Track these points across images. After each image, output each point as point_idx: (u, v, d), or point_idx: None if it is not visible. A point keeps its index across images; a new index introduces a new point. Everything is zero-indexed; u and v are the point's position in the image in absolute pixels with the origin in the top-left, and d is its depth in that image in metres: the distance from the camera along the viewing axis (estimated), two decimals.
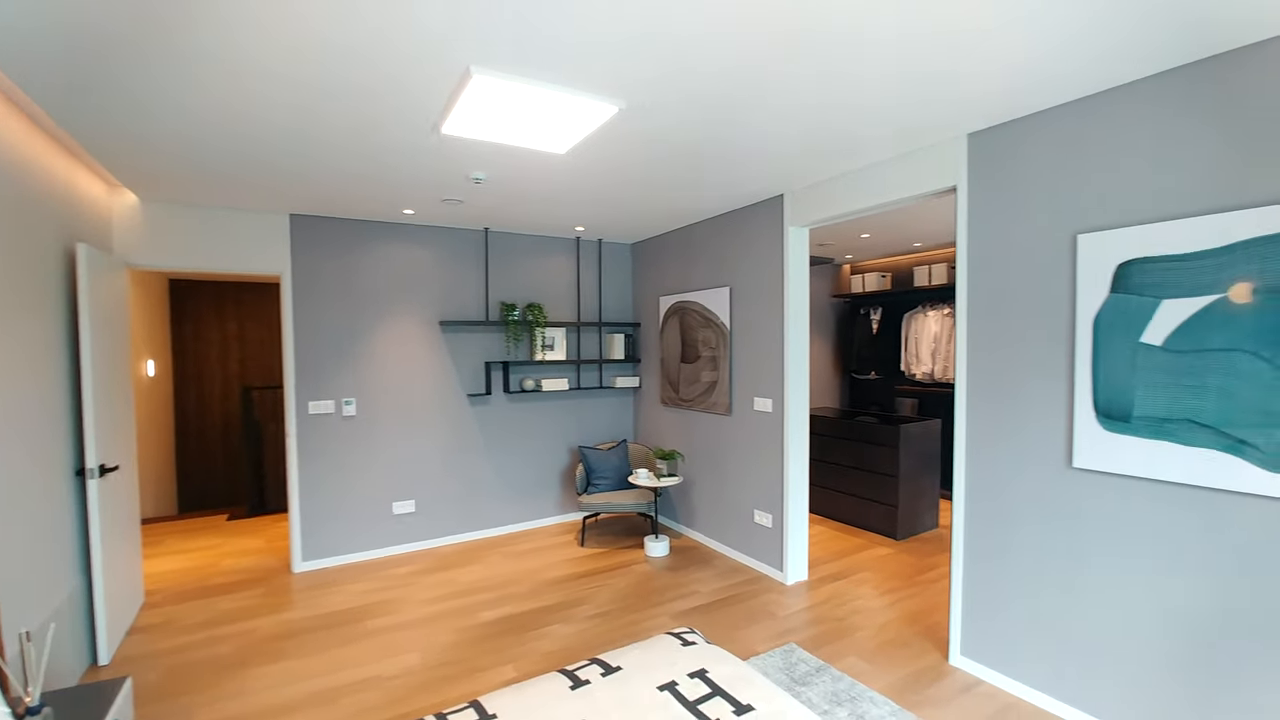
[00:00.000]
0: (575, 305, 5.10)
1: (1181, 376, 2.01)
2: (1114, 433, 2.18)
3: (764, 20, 1.70)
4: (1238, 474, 1.90)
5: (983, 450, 2.64)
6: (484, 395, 4.70)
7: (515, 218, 4.27)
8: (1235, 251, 1.88)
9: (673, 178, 3.28)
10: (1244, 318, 1.87)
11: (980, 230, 2.62)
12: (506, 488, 4.86)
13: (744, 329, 4.05)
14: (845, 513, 4.97)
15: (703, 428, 4.50)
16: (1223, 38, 1.82)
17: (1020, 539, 2.52)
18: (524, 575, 4.00)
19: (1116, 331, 2.16)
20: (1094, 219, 2.24)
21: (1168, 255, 2.03)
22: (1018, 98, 2.25)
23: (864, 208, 3.14)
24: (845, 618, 3.32)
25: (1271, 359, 1.82)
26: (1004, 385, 2.55)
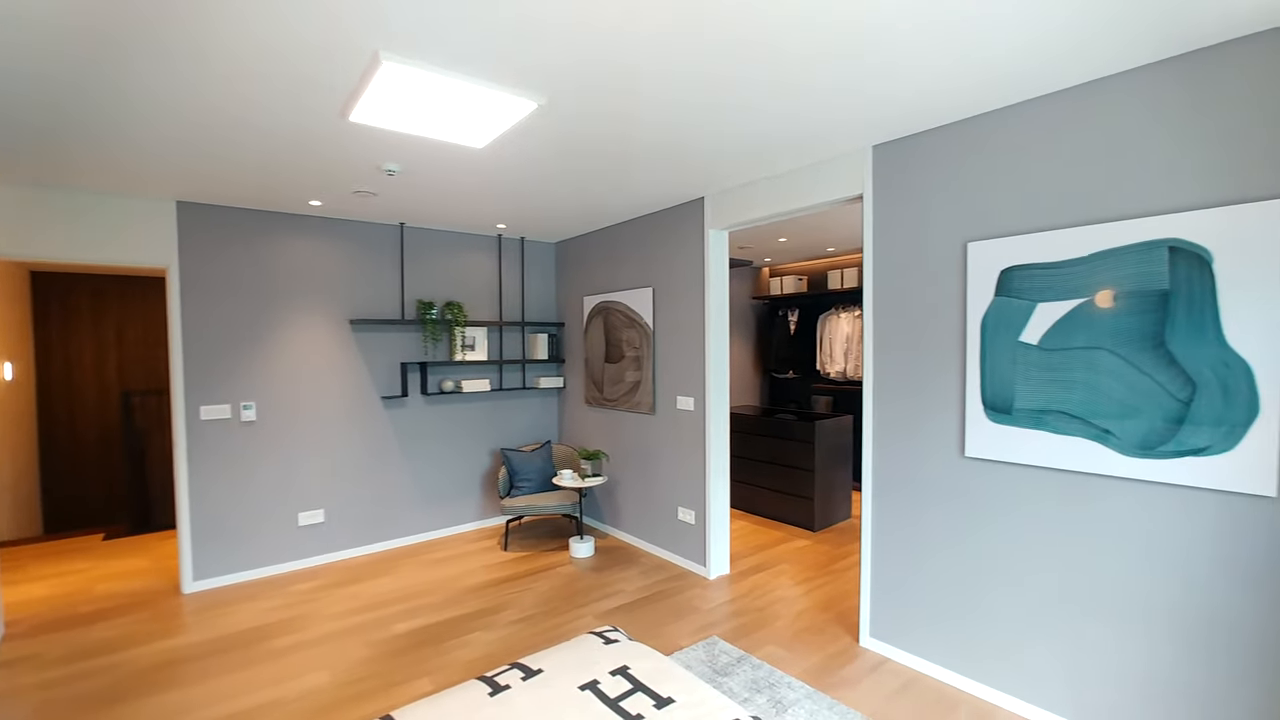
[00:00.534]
0: (497, 304, 4.99)
1: (1054, 372, 2.23)
2: (999, 424, 2.39)
3: (684, 29, 1.74)
4: (1101, 459, 2.13)
5: (888, 444, 2.81)
6: (400, 397, 4.50)
7: (433, 213, 4.12)
8: (1095, 261, 2.11)
9: (594, 178, 3.28)
10: (1103, 319, 2.10)
11: (884, 237, 2.78)
12: (424, 494, 4.67)
13: (667, 329, 4.10)
14: (765, 507, 5.15)
15: (627, 427, 4.52)
16: (1080, 72, 2.03)
17: (922, 525, 2.70)
18: (443, 583, 3.86)
19: (1000, 331, 2.37)
20: (981, 229, 2.44)
21: (1042, 263, 2.24)
22: (917, 115, 2.42)
23: (778, 212, 3.26)
24: (765, 608, 3.44)
25: (1126, 356, 2.06)
26: (906, 382, 2.73)
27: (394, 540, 4.54)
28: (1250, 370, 1.82)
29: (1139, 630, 2.08)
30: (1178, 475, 1.96)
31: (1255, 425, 1.81)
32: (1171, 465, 1.97)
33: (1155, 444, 2.01)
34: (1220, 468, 1.88)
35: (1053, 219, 2.23)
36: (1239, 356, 1.83)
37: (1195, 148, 1.91)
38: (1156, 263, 1.98)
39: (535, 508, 4.36)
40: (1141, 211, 2.02)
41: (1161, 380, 1.98)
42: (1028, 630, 2.37)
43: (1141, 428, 2.03)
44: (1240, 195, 1.84)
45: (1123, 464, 2.08)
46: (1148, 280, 2.00)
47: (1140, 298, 2.02)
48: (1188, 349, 1.93)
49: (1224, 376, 1.86)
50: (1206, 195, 1.89)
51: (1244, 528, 1.87)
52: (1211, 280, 1.88)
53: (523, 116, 2.37)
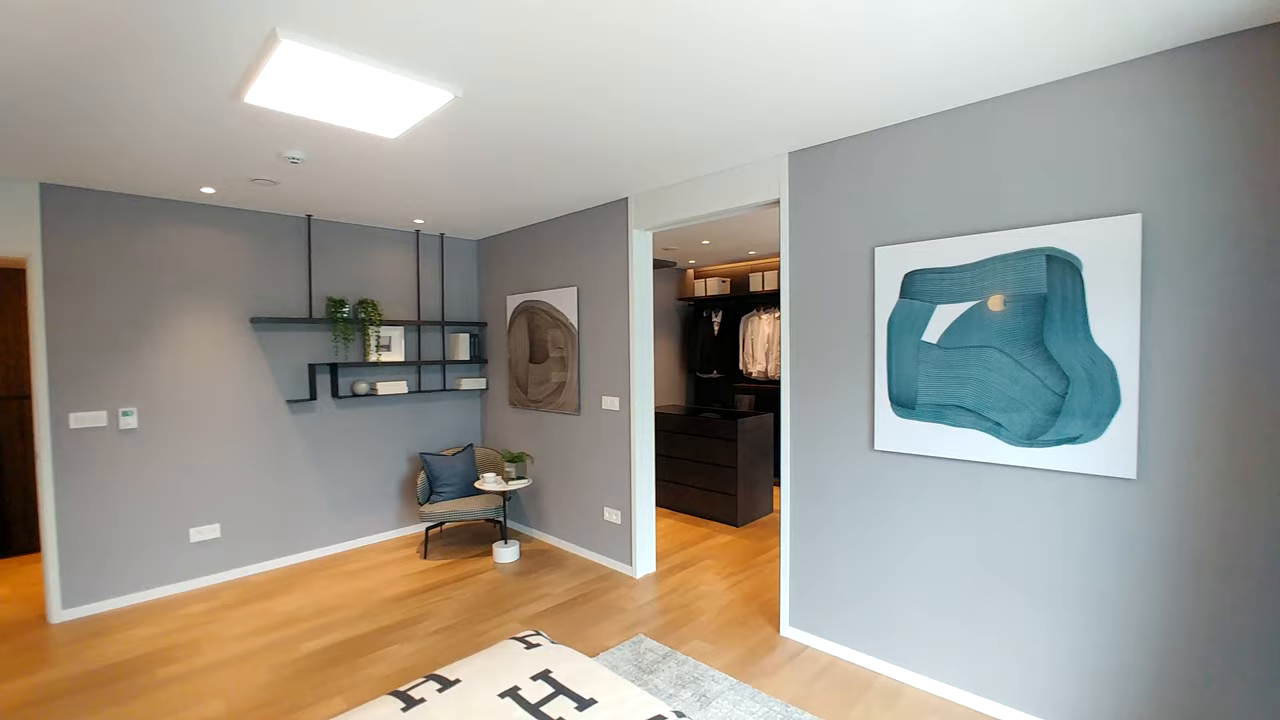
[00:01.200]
0: (415, 303, 4.79)
1: (951, 369, 2.39)
2: (904, 418, 2.54)
3: (606, 27, 1.73)
4: (993, 449, 2.31)
5: (805, 440, 2.93)
6: (308, 401, 4.22)
7: (344, 205, 3.90)
8: (985, 267, 2.29)
9: (515, 175, 3.21)
10: (993, 320, 2.28)
11: (799, 241, 2.90)
12: (336, 503, 4.41)
13: (591, 329, 4.08)
14: (691, 504, 5.23)
15: (552, 428, 4.46)
16: (974, 92, 2.20)
17: (837, 517, 2.83)
18: (358, 596, 3.66)
19: (904, 331, 2.52)
20: (888, 235, 2.58)
21: (940, 268, 2.40)
22: (830, 125, 2.53)
23: (700, 215, 3.32)
24: (690, 604, 3.49)
25: (1012, 354, 2.24)
26: (821, 380, 2.85)
27: (304, 553, 4.25)
28: (1113, 366, 2.03)
29: (1028, 604, 2.28)
30: (1057, 462, 2.16)
31: (1118, 415, 2.02)
32: (1051, 453, 2.17)
33: (1037, 434, 2.20)
34: (1090, 454, 2.09)
35: (949, 227, 2.40)
36: (1104, 354, 2.04)
37: (1069, 165, 2.12)
38: (1036, 269, 2.17)
39: (457, 513, 4.22)
40: (1024, 222, 2.21)
41: (1041, 376, 2.18)
42: (931, 611, 2.53)
43: (1026, 419, 2.22)
44: (1104, 210, 2.04)
45: (1011, 453, 2.26)
46: (1029, 285, 2.19)
47: (1023, 301, 2.20)
48: (1062, 347, 2.13)
49: (1092, 372, 2.07)
50: (1078, 209, 2.10)
51: (1111, 507, 2.08)
52: (1081, 285, 2.08)
53: (438, 107, 2.28)
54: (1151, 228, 1.96)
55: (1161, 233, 1.95)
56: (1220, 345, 1.86)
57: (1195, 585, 1.94)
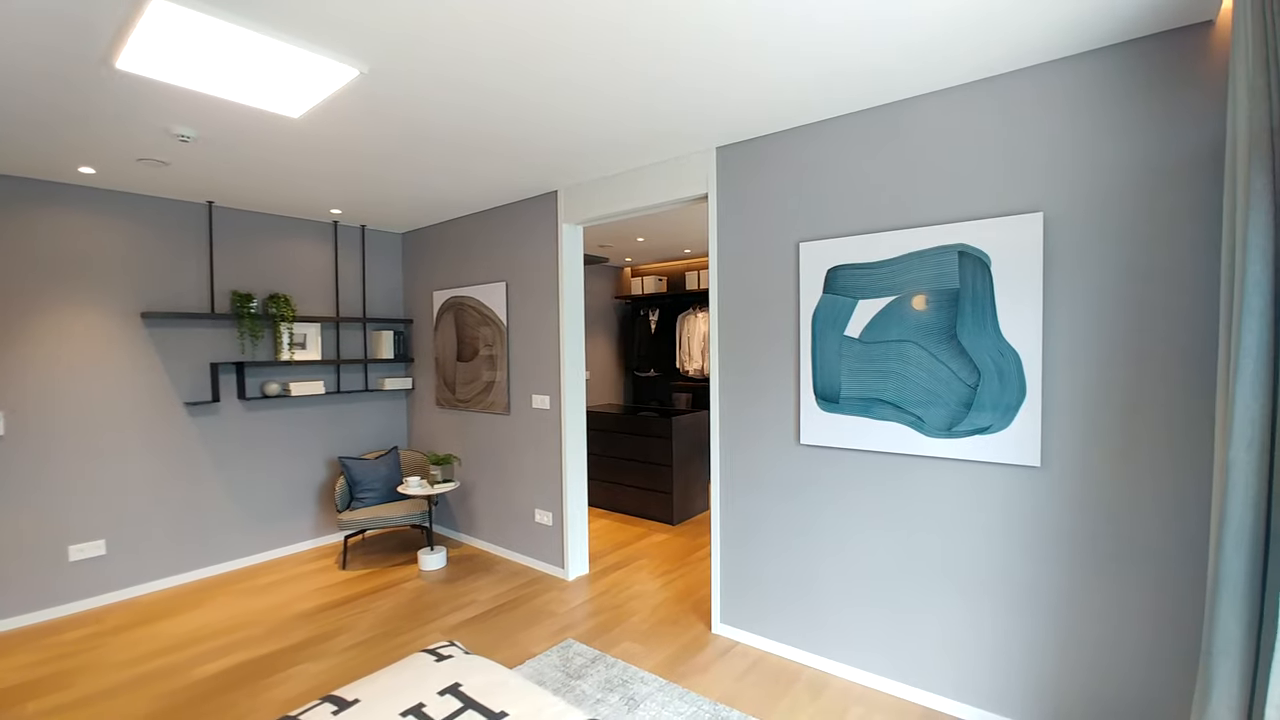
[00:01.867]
0: (333, 298, 4.51)
1: (873, 363, 2.43)
2: (829, 412, 2.56)
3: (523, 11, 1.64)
4: (913, 441, 2.36)
5: (734, 436, 2.92)
6: (210, 403, 3.90)
7: (251, 193, 3.62)
8: (903, 263, 2.34)
9: (433, 163, 3.06)
10: (911, 315, 2.33)
11: (727, 236, 2.89)
12: (246, 512, 4.09)
13: (521, 326, 3.96)
14: (627, 504, 5.18)
15: (482, 429, 4.31)
16: (896, 90, 2.24)
17: (765, 512, 2.84)
18: (264, 613, 3.39)
19: (828, 326, 2.55)
20: (811, 230, 2.61)
21: (861, 263, 2.44)
22: (757, 120, 2.53)
23: (629, 209, 3.27)
24: (623, 605, 3.43)
25: (929, 348, 2.30)
26: (750, 376, 2.85)
27: (207, 568, 3.92)
28: (1019, 359, 2.10)
29: (946, 592, 2.34)
30: (971, 452, 2.22)
31: (1024, 406, 2.10)
32: (966, 443, 2.23)
33: (953, 425, 2.26)
34: (1000, 444, 2.16)
35: (871, 223, 2.44)
36: (1011, 347, 2.12)
37: (979, 165, 2.18)
38: (949, 265, 2.23)
39: (379, 520, 4.00)
40: (939, 219, 2.27)
41: (955, 369, 2.24)
42: (857, 601, 2.57)
43: (943, 411, 2.28)
44: (1010, 209, 2.12)
45: (930, 444, 2.32)
46: (943, 280, 2.25)
47: (938, 295, 2.26)
48: (973, 340, 2.19)
49: (1000, 364, 2.14)
50: (987, 207, 2.17)
51: (1020, 495, 2.16)
52: (990, 281, 2.15)
53: (342, 85, 2.12)
54: (1052, 226, 2.05)
55: (1061, 231, 2.04)
56: (1114, 340, 1.96)
57: (1097, 568, 2.03)
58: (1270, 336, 1.33)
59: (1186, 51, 1.83)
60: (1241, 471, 1.33)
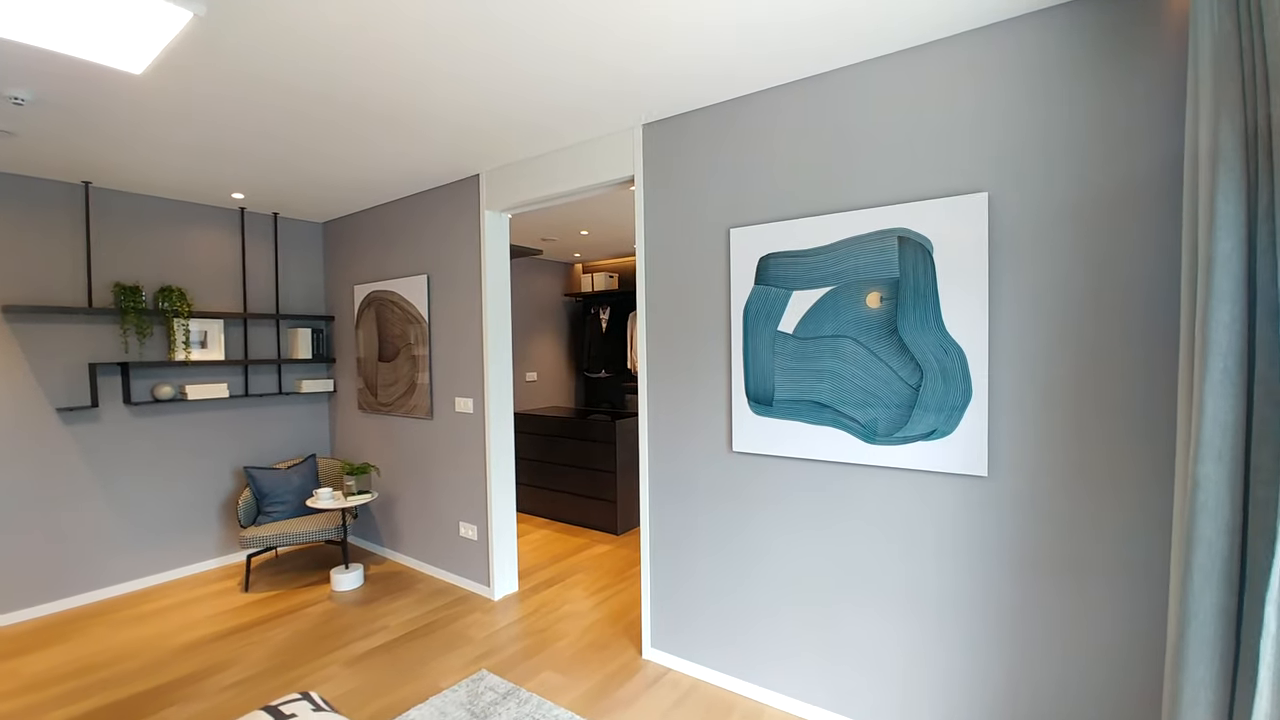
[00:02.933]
0: (240, 292, 4.10)
1: (807, 361, 2.19)
2: (761, 416, 2.32)
3: None
4: (850, 447, 2.12)
5: (664, 442, 2.65)
6: (88, 409, 3.47)
7: (133, 172, 3.21)
8: (839, 249, 2.10)
9: (330, 139, 2.72)
10: (848, 308, 2.09)
11: (655, 222, 2.62)
12: (132, 531, 3.66)
13: (444, 322, 3.63)
14: (568, 513, 4.88)
15: (405, 434, 3.96)
16: (830, 56, 2.00)
17: (697, 526, 2.58)
18: (144, 645, 3.00)
19: (761, 321, 2.30)
20: (742, 215, 2.35)
21: (795, 250, 2.20)
22: (682, 95, 2.26)
23: (555, 194, 2.98)
24: (550, 627, 3.13)
25: (867, 344, 2.06)
26: (680, 376, 2.58)
27: (84, 595, 3.48)
28: (964, 355, 1.88)
29: (885, 613, 2.11)
30: (913, 460, 2.00)
31: (969, 409, 1.88)
32: (907, 450, 2.01)
33: (893, 430, 2.03)
34: (944, 451, 1.94)
35: (805, 206, 2.20)
36: (955, 342, 1.90)
37: (920, 140, 1.96)
38: (888, 252, 2.00)
39: (287, 536, 3.62)
40: (877, 201, 2.04)
41: (895, 367, 2.01)
42: (794, 625, 2.32)
43: (882, 414, 2.05)
44: (953, 188, 1.90)
45: (868, 452, 2.09)
46: (882, 269, 2.02)
47: (877, 286, 2.03)
48: (915, 335, 1.97)
49: (944, 362, 1.92)
50: (928, 187, 1.94)
51: (966, 507, 1.94)
52: (932, 269, 1.92)
53: (178, 30, 1.78)
54: (997, 208, 1.83)
55: (1007, 214, 1.82)
56: (1066, 335, 1.75)
57: (1046, 586, 1.82)
58: (1244, 328, 1.11)
59: (1144, 9, 1.63)
60: (1212, 489, 1.11)
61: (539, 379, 6.36)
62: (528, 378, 6.21)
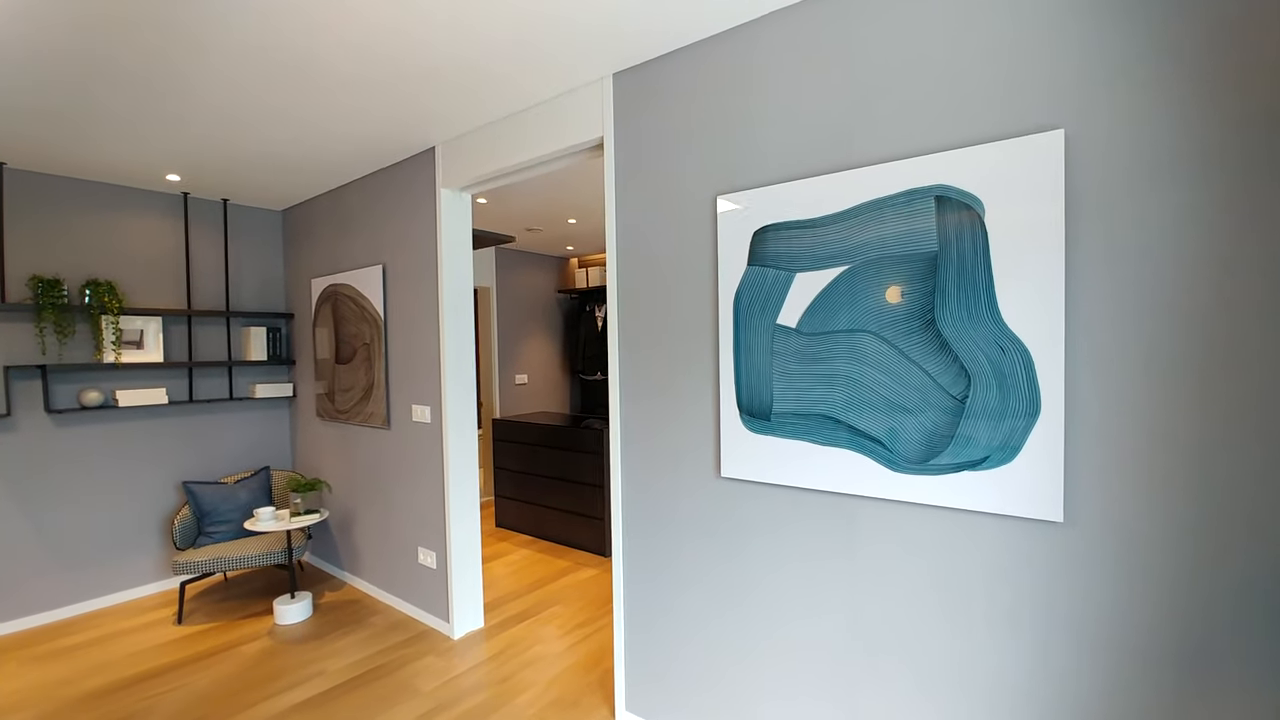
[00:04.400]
0: (184, 287, 3.69)
1: (815, 364, 1.70)
2: (757, 433, 1.82)
3: None
4: (870, 476, 1.62)
5: (637, 463, 2.17)
6: (2, 418, 3.07)
7: (54, 150, 2.80)
8: (855, 216, 1.60)
9: (260, 97, 2.28)
10: (867, 293, 1.60)
11: (627, 192, 2.14)
12: (59, 554, 3.26)
13: (400, 319, 3.18)
14: (553, 530, 4.41)
15: (361, 445, 3.52)
16: None
17: (678, 568, 2.09)
18: (45, 690, 2.58)
19: (755, 312, 1.80)
20: (732, 178, 1.86)
21: (798, 221, 1.70)
22: (659, 34, 1.78)
23: (516, 164, 2.51)
24: (513, 675, 2.66)
25: (893, 340, 1.56)
26: (655, 382, 2.10)
27: (3, 624, 3.08)
28: (1028, 355, 1.38)
29: (916, 692, 1.60)
30: (956, 495, 1.50)
31: (1037, 428, 1.37)
32: (948, 483, 1.50)
33: (930, 455, 1.53)
34: (1000, 485, 1.43)
35: (810, 163, 1.70)
36: (1016, 337, 1.39)
37: (966, 62, 1.45)
38: (922, 217, 1.50)
39: (226, 560, 3.19)
40: (905, 151, 1.54)
41: (932, 371, 1.51)
42: (795, 697, 1.83)
43: (914, 434, 1.55)
44: (1014, 126, 1.39)
45: (894, 482, 1.58)
46: (913, 240, 1.52)
47: (907, 264, 1.53)
48: (960, 329, 1.46)
49: (1000, 364, 1.41)
50: (978, 128, 1.44)
51: (1030, 562, 1.43)
52: (983, 239, 1.42)
53: None
54: (1079, 151, 1.32)
55: (1094, 158, 1.31)
56: (1187, 330, 1.24)
57: (1147, 677, 1.31)
58: None
59: None
60: None
61: (530, 381, 5.91)
62: (517, 380, 5.76)
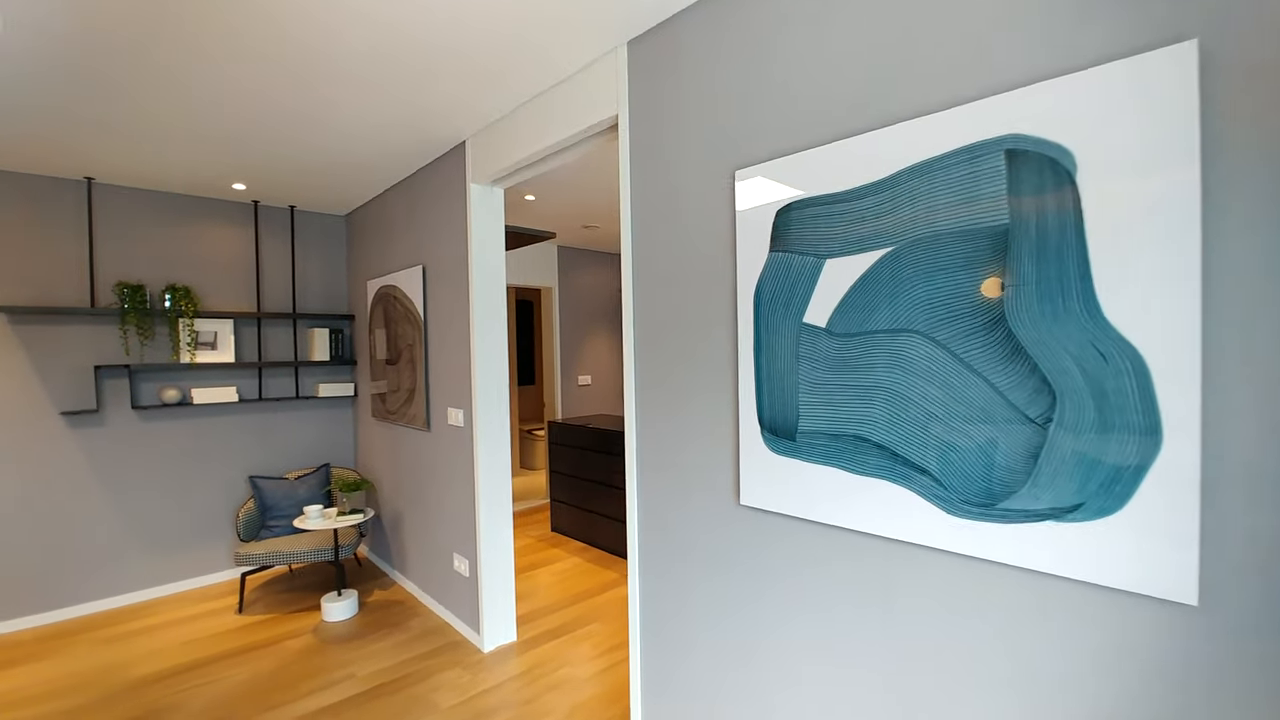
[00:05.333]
0: (254, 290, 3.86)
1: (848, 372, 1.36)
2: (781, 455, 1.51)
3: None
4: (916, 517, 1.27)
5: (652, 484, 1.91)
6: (93, 413, 3.32)
7: (133, 166, 3.00)
8: (899, 184, 1.25)
9: (300, 97, 2.26)
10: (914, 281, 1.24)
11: (643, 177, 1.88)
12: (140, 541, 3.50)
13: (438, 320, 3.11)
14: (605, 539, 4.22)
15: (407, 446, 3.50)
16: None
17: (692, 607, 1.81)
18: (106, 673, 2.73)
19: (778, 308, 1.49)
20: (752, 149, 1.56)
21: (827, 195, 1.37)
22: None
23: (537, 151, 2.32)
24: (535, 699, 2.49)
25: (948, 344, 1.20)
26: (670, 393, 1.83)
27: (86, 605, 3.34)
28: (1143, 364, 0.98)
29: None
30: (1032, 553, 1.12)
31: (1155, 468, 0.98)
32: (1022, 535, 1.13)
33: (997, 497, 1.16)
34: (1098, 544, 1.04)
35: (839, 123, 1.37)
36: (1123, 339, 1.00)
37: None
38: (989, 180, 1.13)
39: (279, 555, 3.28)
40: (962, 95, 1.17)
41: (1001, 384, 1.14)
42: None
43: (975, 468, 1.18)
44: (1119, 44, 1.00)
45: (948, 528, 1.22)
46: (976, 212, 1.15)
47: (967, 243, 1.17)
48: (1042, 329, 1.08)
49: (1099, 376, 1.02)
50: (1065, 50, 1.05)
51: (1145, 656, 1.03)
52: (1077, 205, 1.04)
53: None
54: (1219, 71, 0.92)
55: (1241, 81, 0.90)
56: None
57: None
58: None
59: None
60: None
61: (593, 383, 5.78)
62: (580, 381, 5.65)
